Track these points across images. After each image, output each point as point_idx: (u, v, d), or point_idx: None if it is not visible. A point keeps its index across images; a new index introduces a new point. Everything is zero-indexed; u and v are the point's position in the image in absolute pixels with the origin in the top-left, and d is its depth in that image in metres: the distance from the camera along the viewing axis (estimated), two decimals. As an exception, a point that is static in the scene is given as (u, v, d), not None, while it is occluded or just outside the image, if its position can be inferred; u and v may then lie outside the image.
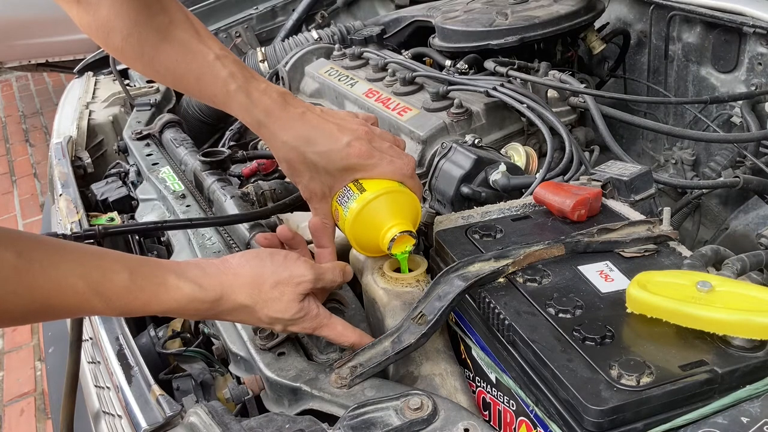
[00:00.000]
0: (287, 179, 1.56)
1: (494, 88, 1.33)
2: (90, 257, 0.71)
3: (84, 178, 1.62)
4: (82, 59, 2.19)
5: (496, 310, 0.74)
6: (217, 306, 0.77)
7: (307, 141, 0.90)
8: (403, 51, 1.77)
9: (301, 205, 1.18)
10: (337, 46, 1.81)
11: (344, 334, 0.82)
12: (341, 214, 0.90)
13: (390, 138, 0.96)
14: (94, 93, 1.97)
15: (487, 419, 0.80)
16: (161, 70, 0.94)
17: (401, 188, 0.90)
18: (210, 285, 0.76)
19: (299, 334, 0.86)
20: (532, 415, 0.71)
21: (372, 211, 0.88)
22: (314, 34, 1.96)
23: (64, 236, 0.99)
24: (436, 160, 1.19)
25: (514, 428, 0.76)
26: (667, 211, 0.86)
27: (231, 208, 1.18)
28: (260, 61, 1.91)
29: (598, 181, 0.99)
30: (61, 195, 1.42)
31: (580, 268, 0.80)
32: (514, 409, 0.75)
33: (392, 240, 0.87)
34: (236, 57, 0.95)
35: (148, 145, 1.57)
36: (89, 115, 1.82)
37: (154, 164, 1.46)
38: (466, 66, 1.54)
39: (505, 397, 0.77)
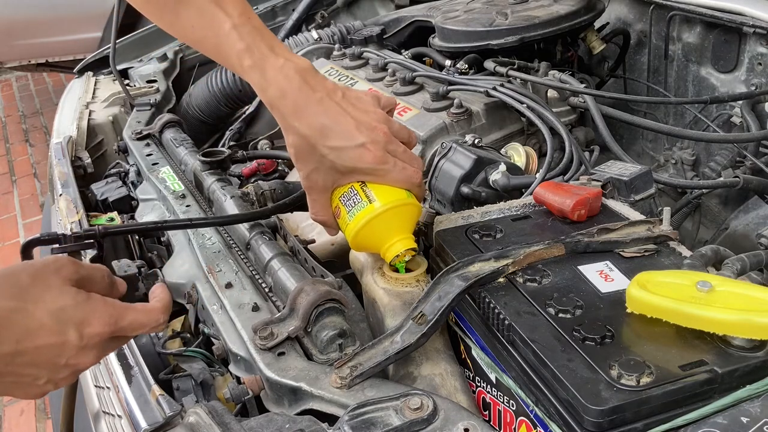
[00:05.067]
0: (287, 179, 1.57)
1: (494, 88, 1.33)
2: None
3: (84, 178, 1.62)
4: (82, 59, 2.18)
5: (496, 310, 0.74)
6: None
7: (321, 132, 0.84)
8: (403, 51, 1.77)
9: (301, 205, 1.18)
10: (337, 46, 1.81)
11: (154, 308, 0.74)
12: (343, 214, 0.90)
13: (405, 135, 0.90)
14: (94, 93, 1.97)
15: (487, 419, 0.80)
16: (181, 33, 0.90)
17: (409, 200, 0.88)
18: None
19: (299, 334, 0.86)
20: (532, 415, 0.71)
21: (378, 224, 0.87)
22: (314, 34, 1.96)
23: (64, 237, 0.98)
24: (436, 160, 1.19)
25: (514, 428, 0.76)
26: (667, 211, 0.86)
27: (231, 208, 1.18)
28: (260, 61, 1.90)
29: (598, 181, 0.99)
30: (61, 195, 1.42)
31: (580, 268, 0.80)
32: (514, 409, 0.75)
33: (396, 255, 0.88)
34: (257, 23, 0.87)
35: (148, 145, 1.57)
36: (89, 115, 1.82)
37: (154, 164, 1.46)
38: (466, 66, 1.54)
39: (505, 397, 0.77)
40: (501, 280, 0.79)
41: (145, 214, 1.34)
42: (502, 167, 1.13)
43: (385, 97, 0.93)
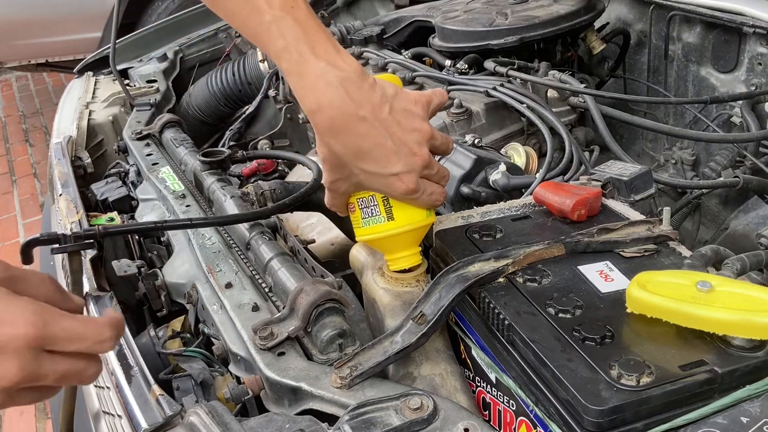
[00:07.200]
0: (287, 179, 1.57)
1: (494, 88, 1.33)
2: None
3: (84, 178, 1.62)
4: (82, 59, 2.18)
5: (496, 310, 0.74)
6: None
7: (355, 155, 0.77)
8: (403, 51, 1.77)
9: (301, 205, 1.18)
10: (337, 46, 1.80)
11: (98, 320, 0.62)
12: (357, 216, 0.88)
13: (445, 148, 0.84)
14: (94, 93, 1.97)
15: (487, 419, 0.80)
16: (222, 14, 0.84)
17: (427, 220, 0.87)
18: None
19: (299, 334, 0.86)
20: (532, 415, 0.71)
21: (390, 240, 0.87)
22: (314, 34, 1.95)
23: (63, 237, 0.98)
24: (436, 160, 1.19)
25: (514, 428, 0.76)
26: (667, 211, 0.86)
27: (231, 208, 1.18)
28: (260, 61, 1.91)
29: (598, 181, 0.99)
30: (61, 195, 1.42)
31: (580, 268, 0.80)
32: (514, 409, 0.75)
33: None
34: (302, 14, 0.77)
35: (148, 145, 1.57)
36: (89, 115, 1.82)
37: (154, 164, 1.46)
38: (466, 66, 1.55)
39: (505, 397, 0.77)
40: (501, 280, 0.79)
41: (145, 214, 1.34)
42: (502, 167, 1.13)
43: (436, 97, 0.84)
